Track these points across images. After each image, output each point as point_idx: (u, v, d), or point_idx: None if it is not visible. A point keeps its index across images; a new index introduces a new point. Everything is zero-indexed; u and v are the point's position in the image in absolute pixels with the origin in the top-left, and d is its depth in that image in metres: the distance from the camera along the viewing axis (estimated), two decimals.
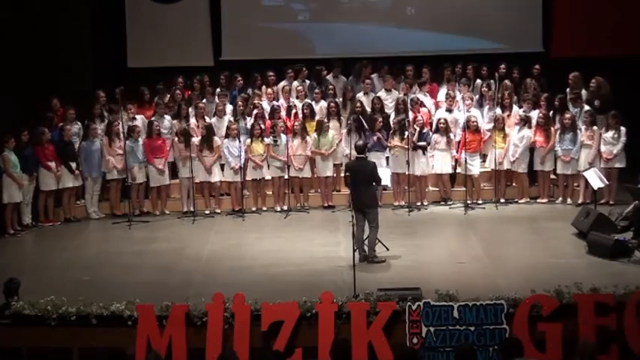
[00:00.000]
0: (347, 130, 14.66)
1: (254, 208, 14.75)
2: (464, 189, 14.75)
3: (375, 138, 14.46)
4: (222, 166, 14.81)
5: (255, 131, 14.60)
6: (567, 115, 14.48)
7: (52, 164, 14.06)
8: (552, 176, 14.92)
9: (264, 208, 14.81)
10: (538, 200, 14.78)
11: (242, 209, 14.55)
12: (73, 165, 14.27)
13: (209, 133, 14.58)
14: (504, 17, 17.12)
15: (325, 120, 14.81)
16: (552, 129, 14.61)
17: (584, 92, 14.99)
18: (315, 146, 14.72)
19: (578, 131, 14.47)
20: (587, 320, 9.18)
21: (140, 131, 14.62)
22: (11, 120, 14.06)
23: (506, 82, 15.34)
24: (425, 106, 15.21)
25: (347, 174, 11.94)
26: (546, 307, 9.24)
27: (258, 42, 17.26)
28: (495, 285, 10.35)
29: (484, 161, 15.11)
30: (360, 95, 15.52)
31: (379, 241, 11.90)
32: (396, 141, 14.59)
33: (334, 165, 14.95)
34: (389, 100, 15.29)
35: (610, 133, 14.24)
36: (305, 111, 15.02)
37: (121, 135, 14.50)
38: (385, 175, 12.92)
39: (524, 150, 14.64)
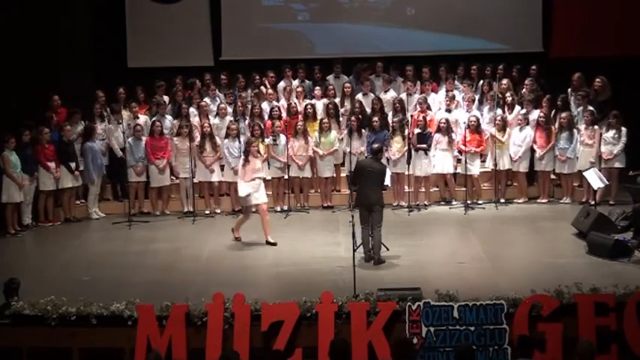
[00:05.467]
0: (347, 130, 14.67)
1: (254, 209, 14.73)
2: (464, 189, 14.76)
3: (381, 135, 14.50)
4: (222, 167, 14.81)
5: (254, 131, 14.60)
6: (563, 115, 14.50)
7: (52, 164, 14.07)
8: (552, 176, 14.94)
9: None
10: (538, 200, 14.79)
11: (242, 209, 14.53)
12: (73, 165, 14.27)
13: (211, 132, 14.59)
14: (504, 17, 17.13)
15: (326, 120, 14.80)
16: (553, 129, 14.63)
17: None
18: (316, 145, 14.73)
19: (575, 130, 14.50)
20: (587, 320, 9.19)
21: (142, 130, 14.62)
22: (11, 120, 14.05)
23: (504, 81, 15.32)
24: (431, 109, 15.21)
25: (350, 172, 11.91)
26: (546, 307, 9.25)
27: (258, 42, 17.27)
28: (495, 285, 10.35)
29: (484, 161, 15.12)
30: (359, 96, 15.53)
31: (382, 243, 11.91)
32: (396, 141, 14.60)
33: (334, 165, 14.95)
34: (383, 101, 15.26)
35: (611, 133, 14.24)
36: (307, 111, 15.02)
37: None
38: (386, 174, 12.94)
39: (526, 150, 14.65)
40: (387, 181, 13.10)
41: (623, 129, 14.22)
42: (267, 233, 12.73)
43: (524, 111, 14.86)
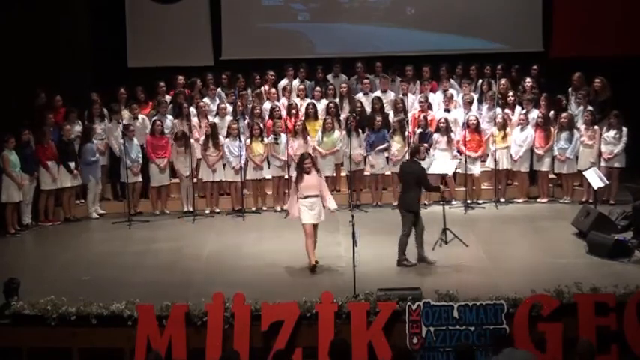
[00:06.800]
0: (346, 130, 14.67)
1: (254, 208, 14.76)
2: (464, 189, 14.76)
3: (380, 135, 14.54)
4: (223, 166, 14.82)
5: (254, 131, 14.60)
6: (563, 115, 14.52)
7: (52, 164, 14.06)
8: (551, 176, 14.95)
9: (264, 208, 14.81)
10: (538, 200, 14.80)
11: (242, 209, 14.55)
12: (72, 165, 14.27)
13: (214, 131, 14.59)
14: (504, 17, 17.13)
15: (329, 120, 14.79)
16: (552, 129, 14.64)
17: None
18: (318, 144, 14.72)
19: (576, 131, 14.50)
20: (588, 320, 9.19)
21: (134, 131, 14.61)
22: (11, 120, 14.05)
23: (503, 81, 15.31)
24: (432, 108, 15.21)
25: (350, 172, 11.76)
26: (546, 307, 9.26)
27: (258, 42, 17.27)
28: (495, 285, 10.35)
29: (484, 161, 15.12)
30: (360, 95, 15.53)
31: (456, 236, 12.05)
32: (396, 141, 14.61)
33: (335, 165, 14.94)
34: (384, 101, 15.27)
35: (611, 133, 14.25)
36: (309, 111, 15.02)
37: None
38: (447, 165, 13.03)
39: (526, 150, 14.66)
40: (444, 170, 12.96)
41: (624, 129, 14.22)
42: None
43: (524, 110, 14.86)
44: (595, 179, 13.18)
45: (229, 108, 15.23)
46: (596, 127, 14.37)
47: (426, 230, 11.73)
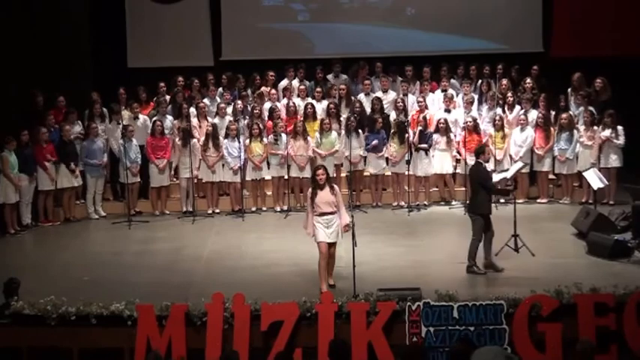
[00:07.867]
0: (345, 130, 14.67)
1: (254, 208, 14.76)
2: (464, 189, 14.75)
3: (379, 137, 14.55)
4: (222, 166, 14.82)
5: (253, 131, 14.60)
6: (564, 115, 14.51)
7: (50, 164, 14.05)
8: (551, 176, 14.95)
9: (264, 208, 14.81)
10: (538, 200, 14.80)
11: (242, 209, 14.55)
12: (73, 165, 14.26)
13: (215, 132, 14.58)
14: (504, 17, 17.13)
15: (327, 120, 14.78)
16: (552, 129, 14.63)
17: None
18: (317, 146, 14.71)
19: (575, 131, 14.50)
20: (587, 320, 9.19)
21: (134, 131, 14.61)
22: (11, 120, 14.05)
23: (503, 81, 15.31)
24: (428, 108, 15.20)
25: (349, 172, 11.70)
26: (546, 307, 9.25)
27: (258, 42, 17.28)
28: (495, 285, 10.34)
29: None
30: (360, 96, 15.53)
31: (524, 245, 11.82)
32: (395, 142, 14.61)
33: (335, 165, 14.94)
34: (385, 101, 15.29)
35: (607, 132, 14.24)
36: (307, 111, 15.02)
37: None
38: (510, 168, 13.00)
39: (526, 150, 14.65)
40: (503, 174, 12.81)
41: (619, 127, 14.22)
42: (329, 274, 10.70)
43: (522, 110, 14.86)
44: (595, 180, 13.17)
45: (229, 108, 15.24)
46: (595, 128, 14.37)
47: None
